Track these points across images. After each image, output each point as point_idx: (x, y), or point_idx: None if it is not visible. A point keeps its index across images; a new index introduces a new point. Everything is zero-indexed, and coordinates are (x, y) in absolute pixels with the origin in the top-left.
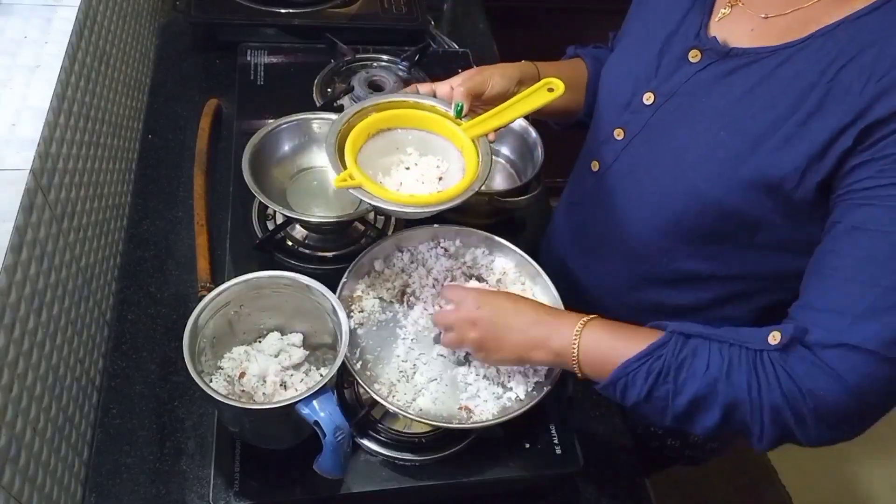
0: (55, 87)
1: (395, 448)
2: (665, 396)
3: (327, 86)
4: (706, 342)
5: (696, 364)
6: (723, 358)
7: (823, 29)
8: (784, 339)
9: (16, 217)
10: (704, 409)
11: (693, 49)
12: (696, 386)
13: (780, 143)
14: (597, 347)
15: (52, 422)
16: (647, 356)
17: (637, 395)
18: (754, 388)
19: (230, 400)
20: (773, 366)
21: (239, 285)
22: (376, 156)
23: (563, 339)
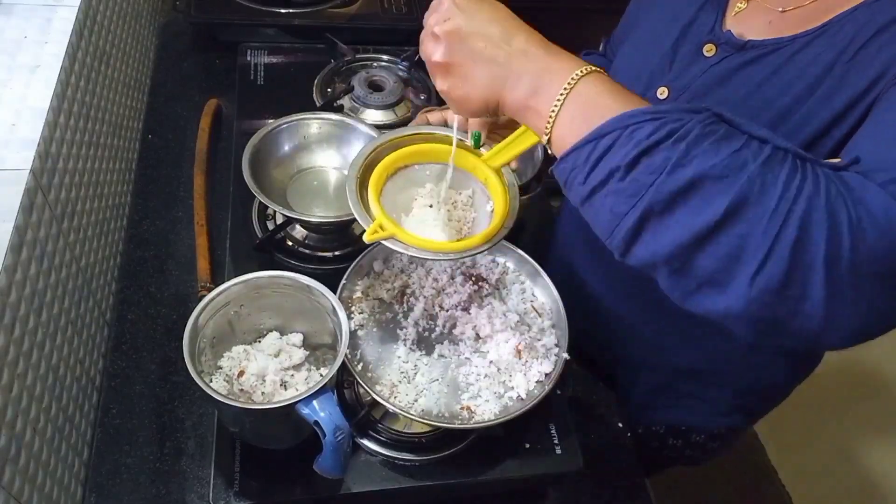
0: (55, 87)
1: (395, 448)
2: (661, 166)
3: (327, 86)
4: (744, 134)
5: (725, 143)
6: (762, 149)
7: (841, 14)
8: (844, 160)
9: (16, 217)
10: (704, 197)
11: (708, 43)
12: (711, 161)
13: (798, 125)
14: (595, 96)
15: (52, 422)
16: (664, 113)
17: (622, 158)
18: (793, 181)
19: (230, 400)
20: (824, 174)
21: (239, 285)
22: (395, 196)
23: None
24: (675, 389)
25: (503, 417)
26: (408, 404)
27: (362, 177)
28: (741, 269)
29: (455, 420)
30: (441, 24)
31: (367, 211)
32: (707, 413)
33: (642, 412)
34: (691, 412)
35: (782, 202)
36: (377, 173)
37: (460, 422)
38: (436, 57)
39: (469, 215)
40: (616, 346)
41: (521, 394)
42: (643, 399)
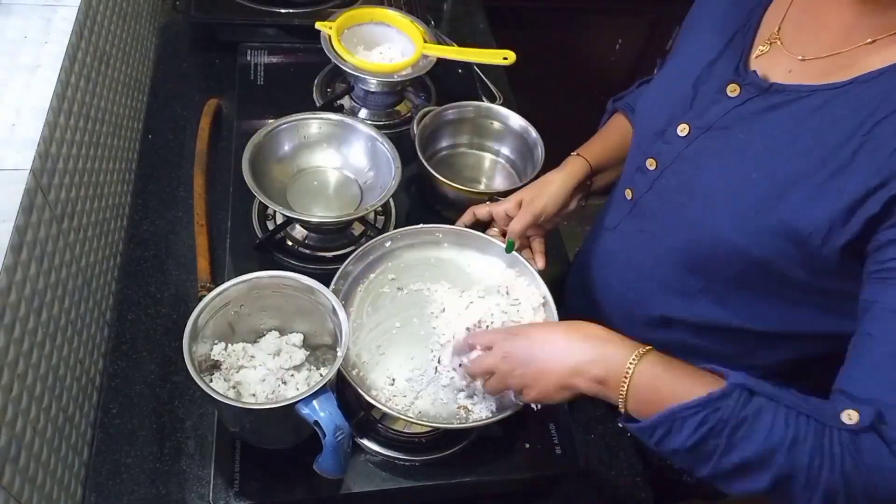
0: (55, 87)
1: (395, 448)
2: (712, 451)
3: (327, 86)
4: (772, 404)
5: (758, 427)
6: (787, 426)
7: (868, 74)
8: (862, 422)
9: (16, 217)
10: (753, 474)
11: (732, 83)
12: (752, 449)
13: (809, 196)
14: (652, 383)
15: (52, 422)
16: (703, 405)
17: (680, 444)
18: (815, 465)
19: (230, 400)
20: (841, 450)
21: (239, 285)
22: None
23: (615, 366)
24: None
25: (500, 415)
26: (405, 406)
27: None
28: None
29: (453, 420)
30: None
31: None
32: None
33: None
34: None
35: (809, 482)
36: None
37: (458, 421)
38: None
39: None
40: None
41: None
42: None
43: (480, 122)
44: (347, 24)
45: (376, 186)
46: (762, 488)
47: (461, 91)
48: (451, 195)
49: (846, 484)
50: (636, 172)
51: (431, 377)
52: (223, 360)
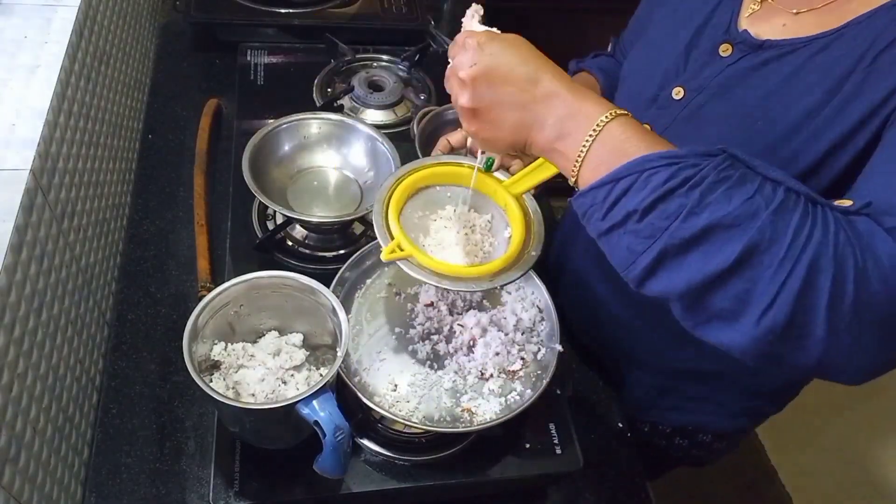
0: (55, 87)
1: (395, 448)
2: (675, 212)
3: (327, 86)
4: (758, 177)
5: (740, 189)
6: (775, 193)
7: (860, 17)
8: (857, 204)
9: (16, 217)
10: (717, 243)
11: (724, 43)
12: (727, 208)
13: (817, 131)
14: (622, 142)
15: (52, 422)
16: (680, 158)
17: (638, 202)
18: (803, 233)
19: (230, 400)
20: (834, 219)
21: (239, 285)
22: (415, 216)
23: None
24: (682, 391)
25: (504, 416)
26: (409, 412)
27: (388, 200)
28: (748, 311)
29: (458, 423)
30: (467, 68)
31: (388, 231)
32: (714, 415)
33: (648, 411)
34: (698, 413)
35: (791, 250)
36: (398, 193)
37: (463, 425)
38: (462, 101)
39: (487, 240)
40: (621, 347)
41: (518, 391)
42: (649, 399)
43: None
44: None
45: (376, 186)
46: (722, 264)
47: None
48: None
49: (836, 259)
50: None
51: (434, 381)
52: (223, 360)
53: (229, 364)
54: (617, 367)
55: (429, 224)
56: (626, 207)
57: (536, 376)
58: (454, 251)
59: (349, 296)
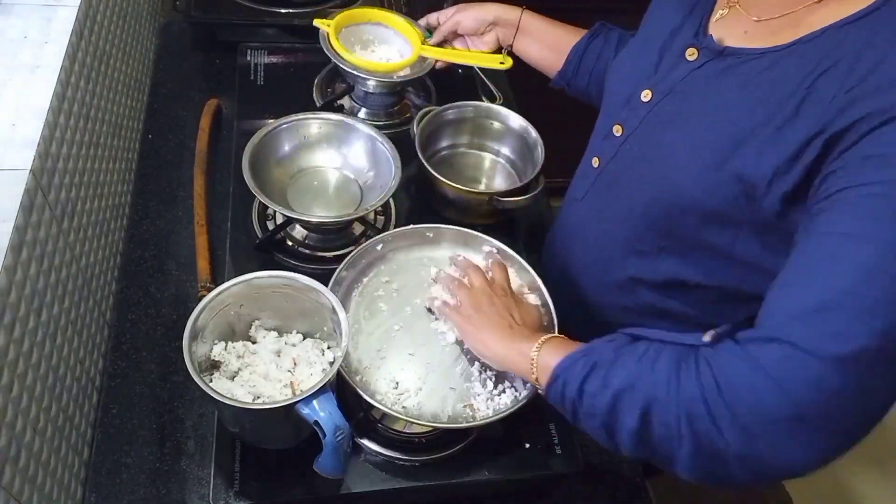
0: (55, 87)
1: (395, 448)
2: (595, 392)
3: (327, 86)
4: (647, 342)
5: (627, 360)
6: (654, 353)
7: (810, 35)
8: (716, 335)
9: (16, 217)
10: (626, 407)
11: (691, 47)
12: (621, 377)
13: (757, 150)
14: (555, 350)
15: (52, 422)
16: (589, 350)
17: (573, 392)
18: (673, 381)
19: (230, 400)
20: (696, 360)
21: (239, 285)
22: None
23: (529, 345)
24: None
25: (506, 411)
26: (411, 409)
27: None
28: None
29: (459, 419)
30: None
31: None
32: None
33: None
34: None
35: (669, 396)
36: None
37: (465, 421)
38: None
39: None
40: None
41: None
42: None
43: (480, 122)
44: (345, 23)
45: (376, 186)
46: (636, 424)
47: (461, 91)
48: (451, 195)
49: (703, 392)
50: (604, 140)
51: (436, 378)
52: (223, 360)
53: (229, 364)
54: None
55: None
56: (569, 398)
57: None
58: None
59: (347, 295)
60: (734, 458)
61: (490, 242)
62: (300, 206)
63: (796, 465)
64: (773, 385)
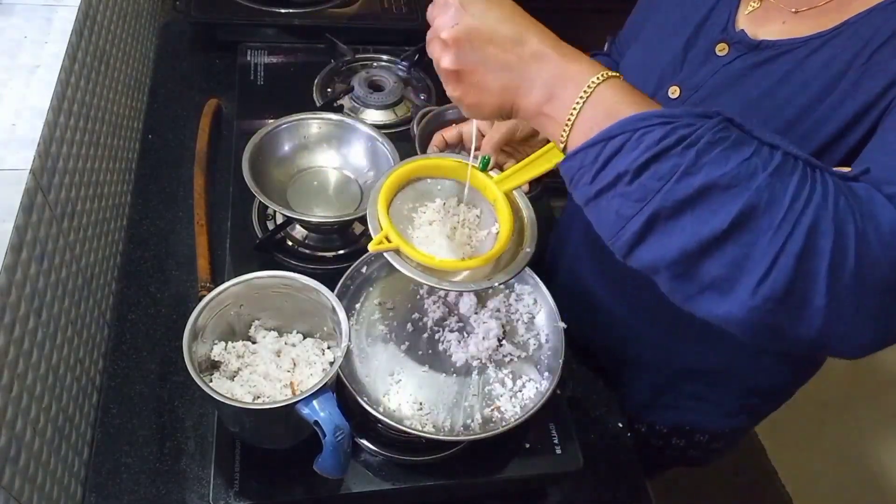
0: (55, 87)
1: (395, 448)
2: (669, 172)
3: (327, 86)
4: (755, 140)
5: (737, 151)
6: (772, 157)
7: (857, 16)
8: (855, 171)
9: (16, 217)
10: (712, 205)
11: (721, 42)
12: (722, 170)
13: (810, 129)
14: (614, 104)
15: (52, 422)
16: (676, 117)
17: (630, 163)
18: (803, 192)
19: (230, 400)
20: (833, 183)
21: (239, 285)
22: (405, 208)
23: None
24: (679, 390)
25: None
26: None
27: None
28: (745, 278)
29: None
30: (449, 29)
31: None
32: (711, 414)
33: (645, 411)
34: (695, 412)
35: (790, 213)
36: (388, 184)
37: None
38: (445, 63)
39: (475, 235)
40: (619, 346)
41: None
42: (646, 398)
43: None
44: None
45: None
46: (718, 227)
47: None
48: None
49: (836, 223)
50: None
51: (456, 389)
52: (223, 360)
53: (229, 364)
54: (614, 366)
55: (417, 216)
56: (617, 168)
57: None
58: (441, 244)
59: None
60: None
61: None
62: (300, 206)
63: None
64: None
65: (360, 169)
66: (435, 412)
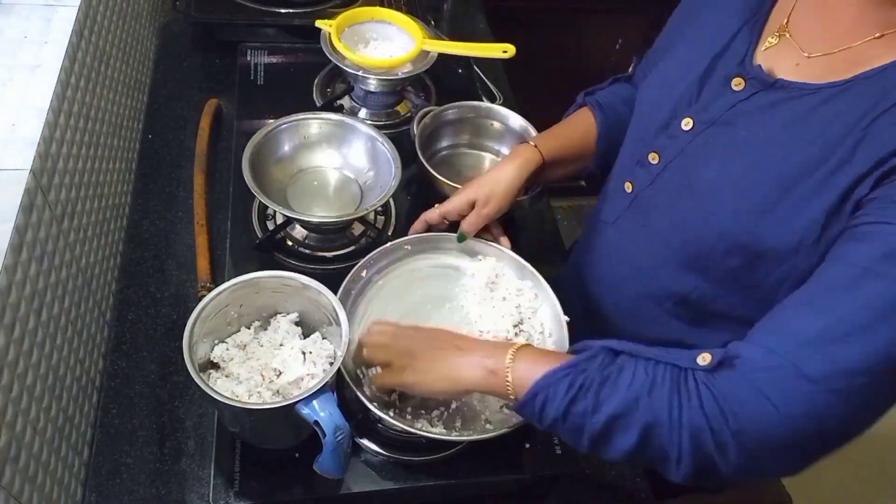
0: (55, 87)
1: (395, 448)
2: (583, 413)
3: (327, 86)
4: (633, 359)
5: (620, 380)
6: (647, 375)
7: (870, 71)
8: (714, 360)
9: (16, 217)
10: (622, 429)
11: (737, 77)
12: (615, 402)
13: (810, 191)
14: (532, 365)
15: (52, 422)
16: (571, 367)
17: (555, 412)
18: (675, 407)
19: (230, 400)
20: (696, 385)
21: (239, 285)
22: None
23: (497, 358)
24: None
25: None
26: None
27: None
28: (669, 466)
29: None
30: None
31: None
32: None
33: None
34: None
35: (671, 425)
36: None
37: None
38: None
39: None
40: None
41: None
42: None
43: (480, 122)
44: (347, 23)
45: (376, 186)
46: (634, 444)
47: (461, 91)
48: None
49: (709, 421)
50: (636, 166)
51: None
52: (223, 360)
53: (229, 364)
54: None
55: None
56: (550, 415)
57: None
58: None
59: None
60: (731, 472)
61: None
62: (300, 206)
63: (789, 472)
64: (780, 417)
65: (360, 169)
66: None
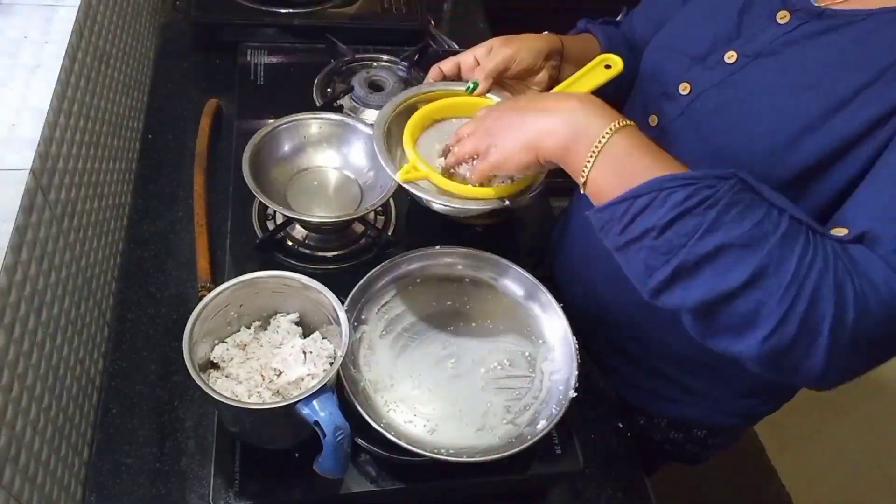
0: (55, 87)
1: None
2: (692, 230)
3: (327, 86)
4: (765, 203)
5: (751, 213)
6: (780, 221)
7: None
8: (851, 234)
9: (16, 217)
10: (731, 261)
11: (782, 10)
12: (738, 231)
13: (862, 105)
14: (625, 158)
15: (52, 422)
16: (698, 179)
17: (658, 219)
18: (807, 260)
19: (230, 400)
20: (833, 250)
21: (239, 285)
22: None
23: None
24: (680, 385)
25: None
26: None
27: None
28: (755, 331)
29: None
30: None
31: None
32: (711, 410)
33: (645, 404)
34: (694, 407)
35: (796, 277)
36: (413, 122)
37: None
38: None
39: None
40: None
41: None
42: (647, 392)
43: None
44: (417, 135)
45: (376, 186)
46: (733, 283)
47: None
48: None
49: (837, 287)
50: (662, 97)
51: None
52: (223, 360)
53: (229, 364)
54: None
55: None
56: (645, 224)
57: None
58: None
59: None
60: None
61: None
62: (300, 206)
63: (870, 367)
64: None
65: (360, 169)
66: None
